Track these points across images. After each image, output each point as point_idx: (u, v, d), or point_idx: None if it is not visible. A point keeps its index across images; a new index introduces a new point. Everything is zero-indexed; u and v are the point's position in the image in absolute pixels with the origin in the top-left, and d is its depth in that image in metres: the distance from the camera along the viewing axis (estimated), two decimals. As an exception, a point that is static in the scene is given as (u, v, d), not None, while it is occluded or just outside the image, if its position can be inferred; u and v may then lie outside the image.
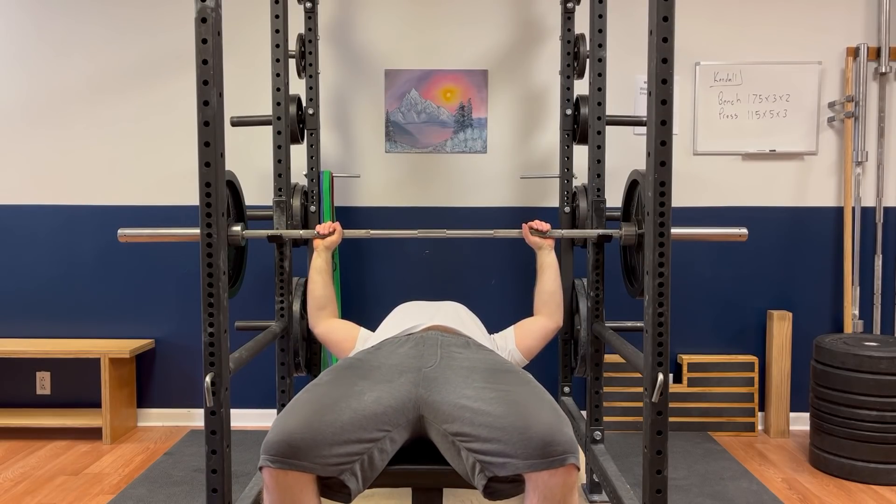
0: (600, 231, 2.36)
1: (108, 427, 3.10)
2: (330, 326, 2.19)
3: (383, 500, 2.46)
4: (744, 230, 2.10)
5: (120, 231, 2.13)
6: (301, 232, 2.36)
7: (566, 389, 2.98)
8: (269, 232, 2.32)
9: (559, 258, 2.90)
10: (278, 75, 2.52)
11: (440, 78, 3.25)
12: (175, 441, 3.13)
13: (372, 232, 2.34)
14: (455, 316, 2.03)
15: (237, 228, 2.03)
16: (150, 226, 3.25)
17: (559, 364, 2.98)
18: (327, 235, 2.26)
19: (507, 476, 1.44)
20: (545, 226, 2.29)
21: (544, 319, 2.20)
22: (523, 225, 2.31)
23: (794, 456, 2.98)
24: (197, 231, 1.66)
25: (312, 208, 2.84)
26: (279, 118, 2.53)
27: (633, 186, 2.21)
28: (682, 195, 3.16)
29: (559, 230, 2.44)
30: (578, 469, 1.44)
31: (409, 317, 2.01)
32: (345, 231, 2.30)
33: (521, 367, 2.09)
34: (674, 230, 1.75)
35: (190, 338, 3.32)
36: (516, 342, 2.13)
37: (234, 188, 2.28)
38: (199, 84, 1.57)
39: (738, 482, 2.67)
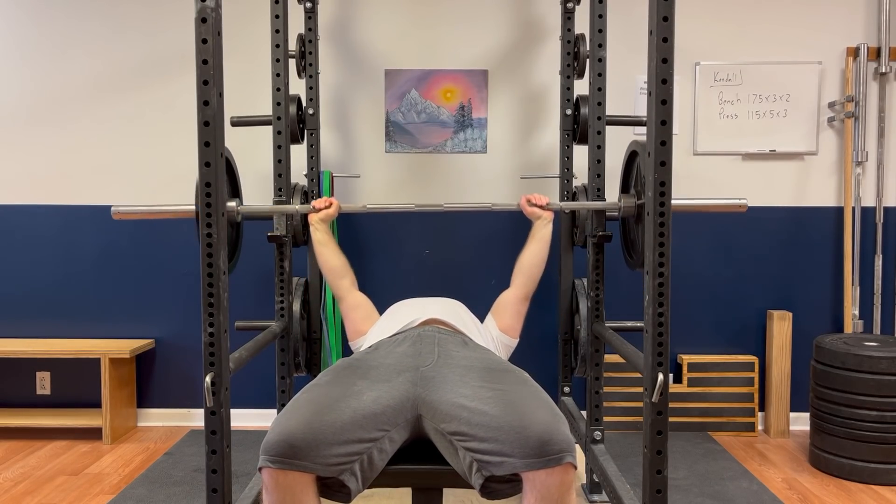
0: (601, 203, 2.33)
1: (108, 427, 3.10)
2: (356, 301, 2.18)
3: (383, 500, 2.46)
4: (744, 200, 2.10)
5: (114, 208, 2.12)
6: (297, 207, 2.34)
7: (566, 389, 2.98)
8: (266, 207, 2.30)
9: (559, 258, 2.91)
10: (278, 75, 2.52)
11: (440, 78, 3.25)
12: (175, 441, 3.13)
13: (368, 206, 2.31)
14: (452, 311, 2.03)
15: (232, 204, 2.02)
16: (151, 225, 3.27)
17: (559, 364, 2.98)
18: (323, 209, 2.26)
19: (505, 475, 1.44)
20: (543, 199, 2.28)
21: (511, 291, 2.20)
22: (521, 197, 2.31)
23: (794, 456, 2.98)
24: (191, 207, 1.65)
25: (312, 208, 2.84)
26: (279, 118, 2.53)
27: (631, 158, 2.17)
28: (682, 195, 3.15)
29: (558, 202, 2.42)
30: (576, 468, 1.44)
31: (404, 313, 2.00)
32: (342, 205, 2.29)
33: (512, 347, 2.15)
34: (672, 202, 1.74)
35: (190, 338, 3.32)
36: (498, 325, 2.14)
37: (229, 165, 2.25)
38: (199, 84, 1.57)
39: (738, 482, 2.67)
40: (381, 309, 2.20)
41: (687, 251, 3.23)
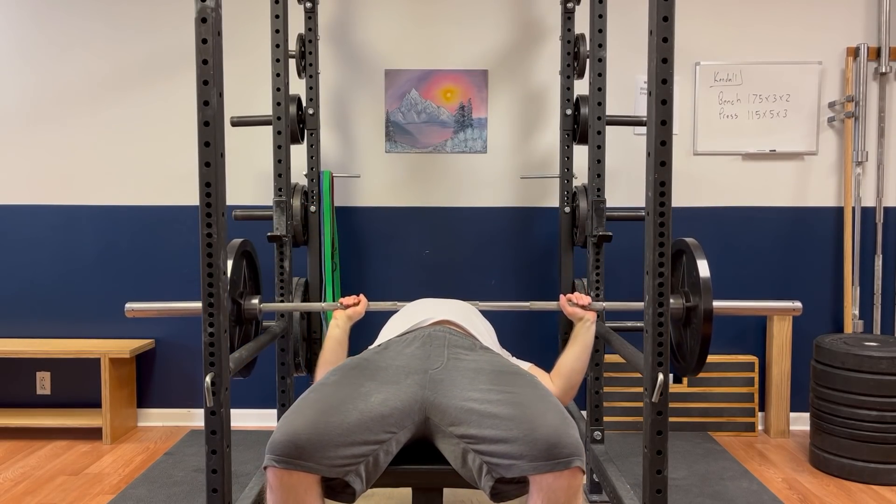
0: (637, 305, 2.08)
1: (108, 427, 3.10)
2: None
3: (383, 500, 2.46)
4: (798, 304, 1.96)
5: (127, 306, 2.05)
6: (323, 305, 2.25)
7: (566, 389, 2.98)
8: (291, 306, 2.23)
9: (559, 258, 2.91)
10: (278, 75, 2.52)
11: (440, 78, 3.25)
12: (175, 441, 3.13)
13: (398, 304, 2.17)
14: (463, 314, 2.01)
15: (254, 302, 1.97)
16: (151, 226, 3.27)
17: (559, 364, 2.98)
18: (350, 306, 2.13)
19: (514, 477, 1.44)
20: (585, 298, 2.08)
21: (555, 389, 1.92)
22: (561, 297, 2.12)
23: (794, 456, 2.98)
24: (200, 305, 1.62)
25: (312, 208, 2.85)
26: (279, 118, 2.53)
27: (677, 256, 2.02)
28: (682, 195, 3.16)
29: (600, 303, 2.20)
30: (584, 472, 1.43)
31: (418, 313, 1.99)
32: (370, 303, 2.16)
33: None
34: (720, 304, 1.76)
35: (190, 338, 3.32)
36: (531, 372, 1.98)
37: (250, 259, 2.13)
38: (199, 84, 1.57)
39: (738, 482, 2.67)
40: (381, 312, 2.19)
41: (687, 251, 3.23)
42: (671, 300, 1.94)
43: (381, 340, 1.92)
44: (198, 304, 1.70)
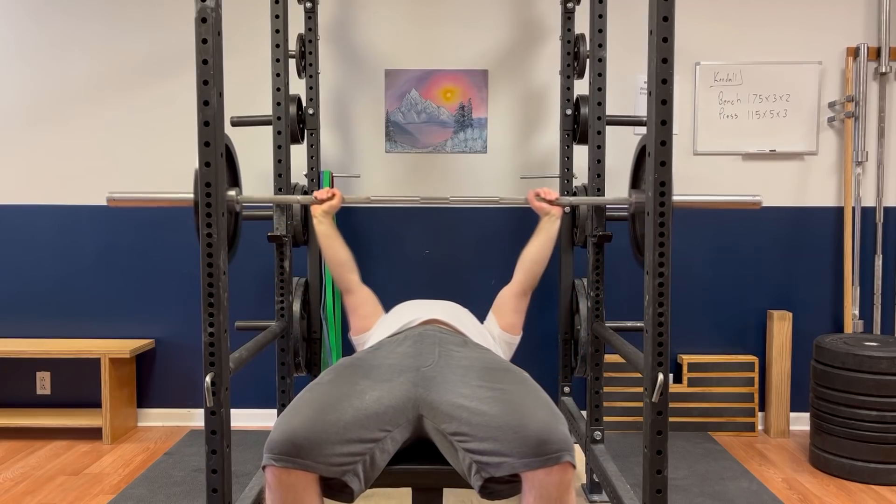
0: (611, 199, 2.28)
1: (108, 427, 3.10)
2: (364, 296, 2.15)
3: (383, 500, 2.46)
4: (758, 197, 2.02)
5: (108, 194, 2.01)
6: (298, 198, 2.28)
7: (566, 389, 2.98)
8: (267, 197, 2.23)
9: (559, 258, 2.91)
10: (278, 75, 2.52)
11: (440, 78, 3.25)
12: (175, 441, 3.13)
13: (372, 198, 2.26)
14: (453, 314, 2.02)
15: (232, 194, 1.97)
16: (151, 226, 3.28)
17: (559, 364, 2.98)
18: (326, 200, 2.19)
19: (504, 476, 1.44)
20: (552, 194, 2.23)
21: (511, 287, 2.16)
22: (530, 191, 2.25)
23: (794, 456, 2.98)
24: (189, 196, 1.63)
25: (312, 208, 2.84)
26: (279, 118, 2.53)
27: (642, 153, 2.12)
28: (682, 194, 3.16)
29: (567, 198, 2.35)
30: (574, 467, 1.44)
31: (407, 313, 2.00)
32: (345, 197, 2.22)
33: (515, 344, 2.14)
34: (680, 198, 1.74)
35: (190, 338, 3.32)
36: (499, 324, 2.13)
37: (229, 154, 2.15)
38: (199, 84, 1.57)
39: (738, 482, 2.67)
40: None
41: (687, 251, 3.23)
42: (634, 196, 2.04)
43: (373, 342, 1.93)
44: (185, 194, 1.68)
